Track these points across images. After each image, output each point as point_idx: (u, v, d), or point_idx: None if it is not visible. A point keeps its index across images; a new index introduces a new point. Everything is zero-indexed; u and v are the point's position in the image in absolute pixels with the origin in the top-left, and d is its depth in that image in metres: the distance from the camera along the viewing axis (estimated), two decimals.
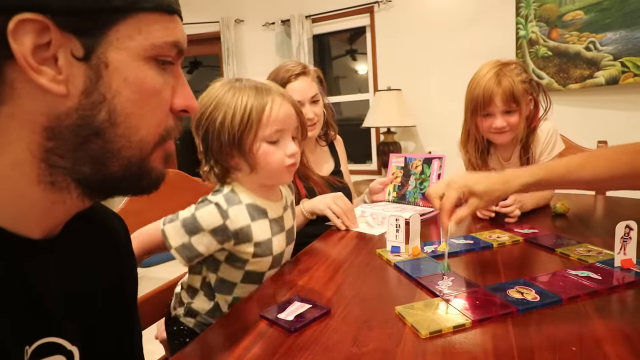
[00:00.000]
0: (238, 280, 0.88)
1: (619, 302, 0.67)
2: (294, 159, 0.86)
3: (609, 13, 2.42)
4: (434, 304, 0.68)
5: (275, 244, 0.87)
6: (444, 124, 3.07)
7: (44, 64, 0.34)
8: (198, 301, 0.91)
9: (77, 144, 0.37)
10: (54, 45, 0.34)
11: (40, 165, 0.37)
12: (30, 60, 0.33)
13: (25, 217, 0.40)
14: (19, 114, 0.35)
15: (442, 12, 3.03)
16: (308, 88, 1.36)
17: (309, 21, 3.47)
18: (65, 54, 0.35)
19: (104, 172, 0.40)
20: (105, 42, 0.36)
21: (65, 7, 0.33)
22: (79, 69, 0.36)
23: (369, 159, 3.62)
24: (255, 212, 0.85)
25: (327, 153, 1.56)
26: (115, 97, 0.37)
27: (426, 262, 0.87)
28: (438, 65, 3.08)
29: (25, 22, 0.32)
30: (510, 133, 1.31)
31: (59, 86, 0.35)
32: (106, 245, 0.54)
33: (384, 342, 0.59)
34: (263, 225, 0.86)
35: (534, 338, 0.57)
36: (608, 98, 2.56)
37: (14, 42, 0.32)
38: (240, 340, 0.62)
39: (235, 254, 0.85)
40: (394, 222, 0.94)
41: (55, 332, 0.42)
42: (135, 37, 0.37)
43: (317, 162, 1.47)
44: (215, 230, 0.79)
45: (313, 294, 0.76)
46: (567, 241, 0.95)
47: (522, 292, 0.69)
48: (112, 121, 0.38)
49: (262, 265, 0.88)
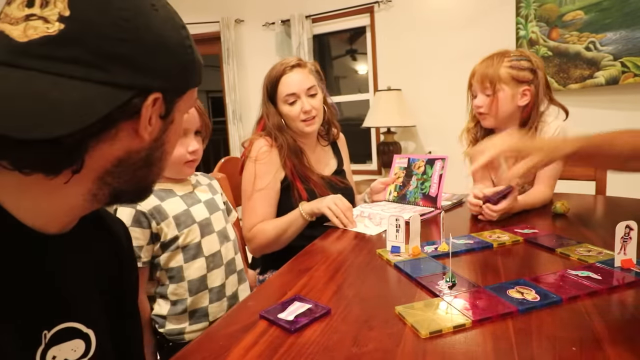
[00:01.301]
0: (182, 262, 0.93)
1: (619, 302, 0.67)
2: (194, 156, 0.99)
3: (609, 13, 2.42)
4: (434, 304, 0.68)
5: (194, 213, 0.96)
6: (444, 124, 3.07)
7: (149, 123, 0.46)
8: (156, 306, 0.95)
9: (133, 170, 0.48)
10: (155, 109, 0.46)
11: (95, 182, 0.46)
12: (147, 122, 0.45)
13: (53, 218, 0.47)
14: (109, 150, 0.45)
15: (442, 12, 3.03)
16: (304, 80, 1.35)
17: (309, 21, 3.47)
18: (156, 115, 0.47)
19: (134, 189, 0.51)
20: (175, 107, 0.50)
21: (172, 88, 0.47)
22: (159, 124, 0.48)
23: (369, 159, 3.62)
24: (161, 193, 0.94)
25: (329, 152, 1.54)
26: (168, 142, 0.52)
27: (426, 262, 0.87)
28: (438, 65, 3.08)
29: (155, 99, 0.45)
30: (489, 117, 1.32)
31: (148, 136, 0.47)
32: (109, 245, 0.60)
33: (384, 342, 0.59)
34: (174, 201, 0.95)
35: (534, 338, 0.57)
36: (608, 98, 2.56)
37: (145, 111, 0.44)
38: (240, 340, 0.62)
39: (164, 239, 0.91)
40: (394, 222, 0.95)
41: (72, 317, 0.49)
42: (186, 103, 0.52)
43: (318, 161, 1.46)
44: (135, 220, 0.88)
45: (313, 294, 0.76)
46: (567, 241, 0.95)
47: (522, 292, 0.69)
48: (161, 157, 0.51)
49: (193, 236, 0.95)
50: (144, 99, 0.44)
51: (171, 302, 0.93)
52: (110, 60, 0.41)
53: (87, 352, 0.50)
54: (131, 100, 0.42)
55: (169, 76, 0.46)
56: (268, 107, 1.38)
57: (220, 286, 1.00)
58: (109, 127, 0.43)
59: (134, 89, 0.42)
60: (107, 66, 0.41)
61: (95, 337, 0.51)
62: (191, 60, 0.49)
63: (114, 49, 0.41)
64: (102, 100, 0.40)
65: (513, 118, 1.34)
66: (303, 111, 1.34)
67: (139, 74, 0.43)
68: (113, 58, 0.41)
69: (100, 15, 0.41)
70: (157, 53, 0.44)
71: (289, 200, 1.33)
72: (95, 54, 0.40)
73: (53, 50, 0.39)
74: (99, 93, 0.40)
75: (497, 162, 0.89)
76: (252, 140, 1.38)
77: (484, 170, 1.45)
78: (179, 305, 0.93)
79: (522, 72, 1.28)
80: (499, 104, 1.29)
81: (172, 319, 0.93)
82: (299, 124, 1.35)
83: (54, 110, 0.38)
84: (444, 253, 0.91)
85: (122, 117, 0.43)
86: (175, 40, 0.46)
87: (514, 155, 0.88)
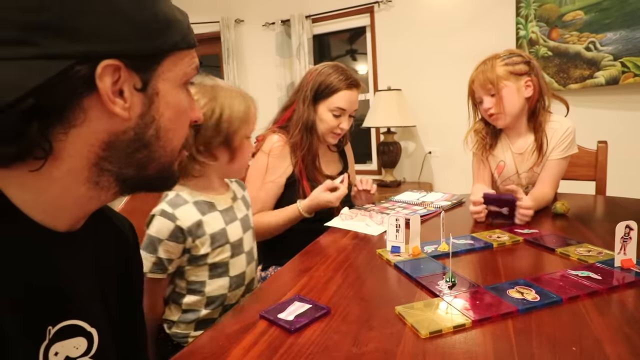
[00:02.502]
0: (206, 277, 0.91)
1: (619, 302, 0.67)
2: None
3: (609, 13, 2.42)
4: (434, 304, 0.68)
5: (229, 232, 0.93)
6: (444, 124, 3.07)
7: (115, 97, 0.43)
8: (167, 310, 0.93)
9: (128, 154, 0.46)
10: (121, 81, 0.43)
11: (92, 169, 0.45)
12: (110, 95, 0.42)
13: (60, 212, 0.47)
14: (86, 134, 0.43)
15: (442, 12, 3.03)
16: (357, 101, 1.41)
17: (309, 21, 3.47)
18: (129, 87, 0.44)
19: (143, 174, 0.49)
20: (155, 76, 0.46)
21: (132, 53, 0.43)
22: (138, 98, 0.45)
23: (369, 158, 3.61)
24: (204, 206, 0.90)
25: (336, 156, 1.57)
26: (161, 117, 0.48)
27: (426, 262, 0.87)
28: (438, 65, 3.08)
29: (107, 67, 0.41)
30: (501, 115, 1.32)
31: (125, 112, 0.44)
32: (117, 244, 0.60)
33: (384, 342, 0.59)
34: (215, 217, 0.91)
35: (534, 338, 0.57)
36: (608, 98, 2.56)
37: (99, 82, 0.41)
38: (240, 340, 0.62)
39: (195, 253, 0.89)
40: (394, 222, 0.95)
41: (77, 315, 0.49)
42: (173, 70, 0.48)
43: (326, 164, 1.49)
44: (171, 235, 0.85)
45: (313, 294, 0.76)
46: (567, 241, 0.95)
47: (522, 292, 0.69)
48: (157, 136, 0.48)
49: (224, 255, 0.92)
50: (91, 68, 0.40)
51: (183, 310, 0.91)
52: (38, 32, 0.38)
53: (89, 351, 0.50)
54: (70, 71, 0.39)
55: (121, 39, 0.42)
56: (308, 104, 1.38)
57: (236, 303, 0.98)
58: (66, 105, 0.41)
59: (71, 57, 0.39)
60: (35, 39, 0.38)
61: (97, 336, 0.51)
62: (151, 17, 0.44)
63: (40, 19, 0.38)
64: (31, 76, 0.38)
65: (522, 112, 1.34)
66: (340, 127, 1.38)
67: (73, 40, 0.39)
68: (40, 29, 0.39)
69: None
70: (91, 13, 0.40)
71: (292, 196, 1.36)
72: (21, 29, 0.38)
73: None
74: (30, 69, 0.38)
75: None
76: (266, 135, 1.41)
77: (485, 171, 1.46)
78: (190, 314, 0.91)
79: (518, 65, 1.30)
80: (507, 100, 1.30)
81: (181, 325, 0.92)
82: (329, 134, 1.40)
83: None
84: (444, 253, 0.91)
85: (75, 93, 0.41)
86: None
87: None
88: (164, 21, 0.45)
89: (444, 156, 3.15)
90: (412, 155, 3.32)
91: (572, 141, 1.34)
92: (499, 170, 1.43)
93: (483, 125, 1.44)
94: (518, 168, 1.39)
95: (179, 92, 0.50)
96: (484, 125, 1.44)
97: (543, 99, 1.34)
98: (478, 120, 1.46)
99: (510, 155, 1.40)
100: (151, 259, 0.85)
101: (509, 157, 1.40)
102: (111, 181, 0.47)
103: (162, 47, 0.46)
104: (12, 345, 0.41)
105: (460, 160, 1.48)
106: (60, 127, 0.42)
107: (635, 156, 2.50)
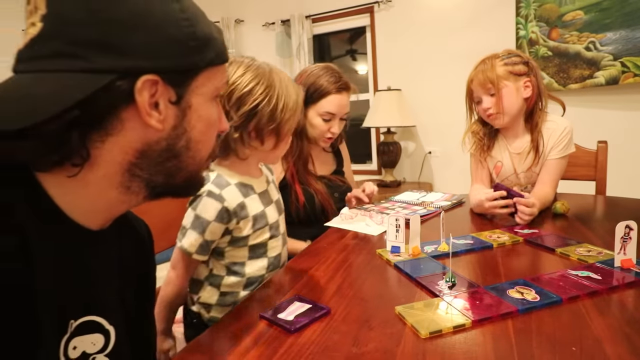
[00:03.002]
0: (246, 259, 0.92)
1: (619, 302, 0.67)
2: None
3: (609, 13, 2.42)
4: (434, 304, 0.68)
5: (268, 215, 0.95)
6: (444, 124, 3.07)
7: (151, 109, 0.45)
8: (204, 293, 0.93)
9: (159, 162, 0.49)
10: (158, 94, 0.45)
11: (124, 175, 0.48)
12: (147, 108, 0.45)
13: (94, 213, 0.50)
14: (121, 142, 0.45)
15: (442, 12, 3.03)
16: (347, 105, 1.38)
17: (309, 21, 3.47)
18: (164, 100, 0.46)
19: (171, 182, 0.51)
20: (189, 90, 0.48)
21: (170, 68, 0.45)
22: (172, 111, 0.47)
23: (369, 158, 3.61)
24: (244, 189, 0.91)
25: (330, 156, 1.56)
26: (192, 129, 0.50)
27: (426, 262, 0.87)
28: (438, 65, 3.08)
29: (146, 81, 0.43)
30: (500, 115, 1.32)
31: (159, 124, 0.46)
32: (136, 245, 0.62)
33: (384, 342, 0.59)
34: (254, 200, 0.93)
35: (534, 338, 0.57)
36: (608, 98, 2.56)
37: (138, 96, 0.43)
38: (240, 340, 0.62)
39: (237, 234, 0.90)
40: (394, 222, 0.95)
41: (98, 311, 0.51)
42: (206, 84, 0.50)
43: (321, 164, 1.48)
44: (218, 217, 0.85)
45: (313, 294, 0.76)
46: (567, 241, 0.95)
47: (522, 292, 0.69)
48: (187, 147, 0.50)
49: (264, 237, 0.93)
50: (132, 82, 0.43)
51: (221, 292, 0.92)
52: (87, 47, 0.41)
53: (105, 348, 0.51)
54: (112, 85, 0.42)
55: (161, 56, 0.44)
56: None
57: None
58: (105, 116, 0.43)
59: (114, 72, 0.42)
60: (84, 54, 0.41)
61: (115, 334, 0.52)
62: (190, 35, 0.46)
63: (88, 35, 0.41)
64: (78, 88, 0.40)
65: (520, 113, 1.34)
66: (331, 131, 1.36)
67: (118, 56, 0.42)
68: (88, 44, 0.41)
69: (71, 4, 0.41)
70: (135, 32, 0.42)
71: (285, 200, 1.33)
72: (72, 44, 0.41)
73: (37, 50, 0.42)
74: (76, 81, 0.41)
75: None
76: None
77: (483, 171, 1.46)
78: (229, 297, 0.92)
79: (517, 66, 1.30)
80: (506, 100, 1.30)
81: (219, 308, 0.92)
82: (320, 139, 1.38)
83: (26, 104, 0.40)
84: (444, 253, 0.91)
85: (115, 105, 0.43)
86: (161, 16, 0.44)
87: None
88: (202, 39, 0.48)
89: (443, 156, 3.16)
90: (412, 155, 3.32)
91: (569, 140, 1.34)
92: (496, 171, 1.43)
93: (480, 127, 1.44)
94: (516, 168, 1.40)
95: (210, 106, 0.52)
96: (481, 126, 1.44)
97: (541, 100, 1.34)
98: (475, 121, 1.45)
99: (507, 155, 1.40)
100: (199, 239, 0.86)
101: (507, 157, 1.40)
102: (141, 187, 0.50)
103: (198, 63, 0.48)
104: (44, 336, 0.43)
105: (460, 160, 1.48)
106: (97, 135, 0.44)
107: (635, 156, 2.50)
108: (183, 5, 0.46)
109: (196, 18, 0.48)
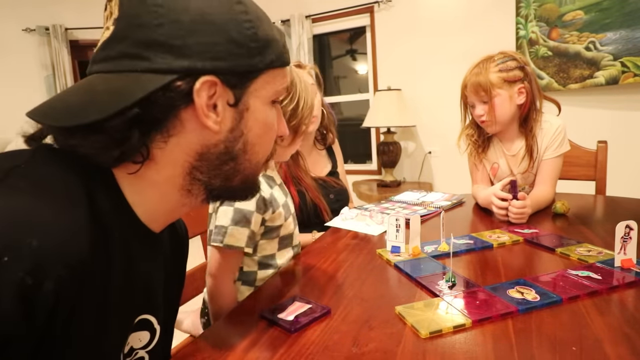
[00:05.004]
0: (276, 250, 0.94)
1: (619, 302, 0.67)
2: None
3: (609, 13, 2.42)
4: (434, 304, 0.68)
5: (290, 205, 0.99)
6: (444, 124, 3.07)
7: (209, 110, 0.46)
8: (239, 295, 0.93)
9: (216, 165, 0.49)
10: (216, 96, 0.46)
11: (185, 177, 0.49)
12: (205, 109, 0.45)
13: (157, 215, 0.51)
14: (182, 143, 0.47)
15: (443, 12, 3.03)
16: (317, 106, 1.36)
17: (309, 21, 3.47)
18: (222, 102, 0.46)
19: (228, 185, 0.52)
20: (247, 92, 0.48)
21: (229, 70, 0.45)
22: (229, 113, 0.48)
23: (369, 159, 3.61)
24: (269, 180, 0.94)
25: (324, 156, 1.56)
26: (249, 132, 0.50)
27: (426, 262, 0.87)
28: (438, 65, 3.08)
29: (205, 82, 0.44)
30: (492, 123, 1.32)
31: (216, 126, 0.47)
32: (176, 245, 0.64)
33: (384, 342, 0.59)
34: (277, 190, 0.96)
35: (534, 338, 0.57)
36: (608, 98, 2.56)
37: (197, 96, 0.44)
38: (240, 340, 0.62)
39: (271, 224, 0.91)
40: (394, 222, 0.95)
41: (152, 310, 0.53)
42: (265, 87, 0.50)
43: (314, 164, 1.48)
44: (257, 207, 0.87)
45: (313, 294, 0.76)
46: (567, 241, 0.95)
47: (522, 292, 0.69)
48: (244, 150, 0.51)
49: (290, 227, 0.96)
50: (191, 83, 0.44)
51: (255, 287, 0.92)
52: (150, 49, 0.43)
53: (148, 345, 0.53)
54: (172, 85, 0.43)
55: (220, 57, 0.44)
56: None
57: None
58: (165, 116, 0.44)
59: (174, 72, 0.43)
60: (147, 55, 0.43)
61: (159, 332, 0.55)
62: (252, 36, 0.46)
63: (152, 37, 0.42)
64: (139, 87, 0.42)
65: (513, 119, 1.34)
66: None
67: (178, 57, 0.43)
68: (151, 45, 0.43)
69: (138, 6, 0.43)
70: (197, 33, 0.43)
71: None
72: (137, 45, 0.43)
73: (107, 52, 0.44)
74: (138, 81, 0.42)
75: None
76: None
77: (482, 172, 1.46)
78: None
79: (512, 72, 1.28)
80: (499, 108, 1.29)
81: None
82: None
83: (93, 101, 0.42)
84: (444, 253, 0.91)
85: (175, 105, 0.44)
86: (224, 17, 0.44)
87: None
88: (263, 40, 0.47)
89: (444, 156, 3.15)
90: (412, 155, 3.32)
91: (563, 139, 1.34)
92: (493, 172, 1.43)
93: (474, 130, 1.44)
94: (512, 169, 1.40)
95: (268, 109, 0.52)
96: (476, 129, 1.43)
97: (535, 105, 1.33)
98: (468, 124, 1.45)
99: (503, 157, 1.40)
100: (245, 232, 0.86)
101: (503, 159, 1.41)
102: (201, 190, 0.51)
103: (258, 65, 0.48)
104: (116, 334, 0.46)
105: (460, 160, 1.47)
106: (159, 135, 0.45)
107: (635, 156, 2.50)
108: (246, 7, 0.47)
109: (259, 19, 0.48)
